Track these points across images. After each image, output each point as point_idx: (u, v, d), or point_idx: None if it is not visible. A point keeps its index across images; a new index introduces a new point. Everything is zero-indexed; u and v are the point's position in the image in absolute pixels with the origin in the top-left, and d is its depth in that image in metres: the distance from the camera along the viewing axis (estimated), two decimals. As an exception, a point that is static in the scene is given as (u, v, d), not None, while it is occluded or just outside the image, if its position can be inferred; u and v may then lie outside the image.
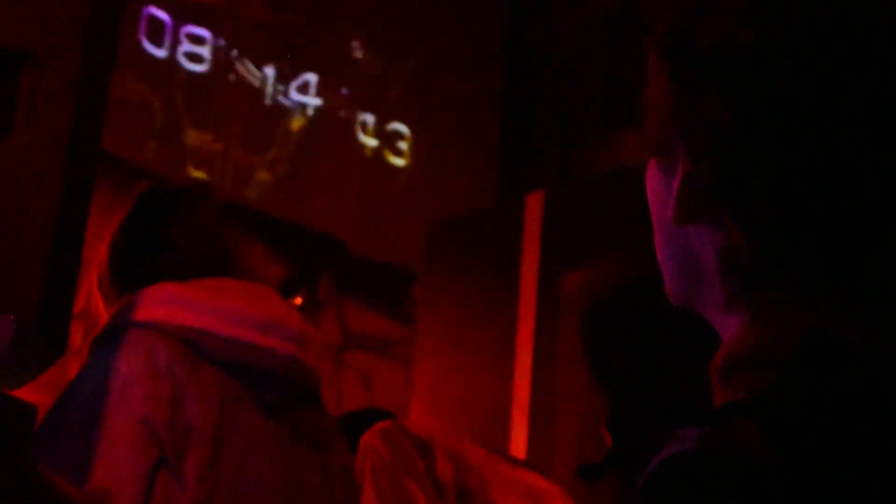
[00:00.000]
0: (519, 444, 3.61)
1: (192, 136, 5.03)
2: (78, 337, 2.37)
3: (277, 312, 2.30)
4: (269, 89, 5.29)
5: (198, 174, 4.65)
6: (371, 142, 5.51)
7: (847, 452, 0.92)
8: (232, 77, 5.21)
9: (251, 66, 5.24)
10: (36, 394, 1.85)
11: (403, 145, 5.56)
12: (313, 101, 5.39)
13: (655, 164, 1.13)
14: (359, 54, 5.54)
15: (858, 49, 1.03)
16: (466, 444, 2.77)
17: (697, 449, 0.92)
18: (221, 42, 5.18)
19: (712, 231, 1.07)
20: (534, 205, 3.96)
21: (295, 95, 5.36)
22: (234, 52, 5.22)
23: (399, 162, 5.55)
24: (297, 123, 5.35)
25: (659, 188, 1.12)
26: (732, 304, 1.07)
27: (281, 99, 5.32)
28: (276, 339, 2.26)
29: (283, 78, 5.33)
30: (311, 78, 5.39)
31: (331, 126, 5.44)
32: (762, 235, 1.04)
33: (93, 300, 2.39)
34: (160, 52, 5.00)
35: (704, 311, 1.11)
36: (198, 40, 5.13)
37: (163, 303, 2.22)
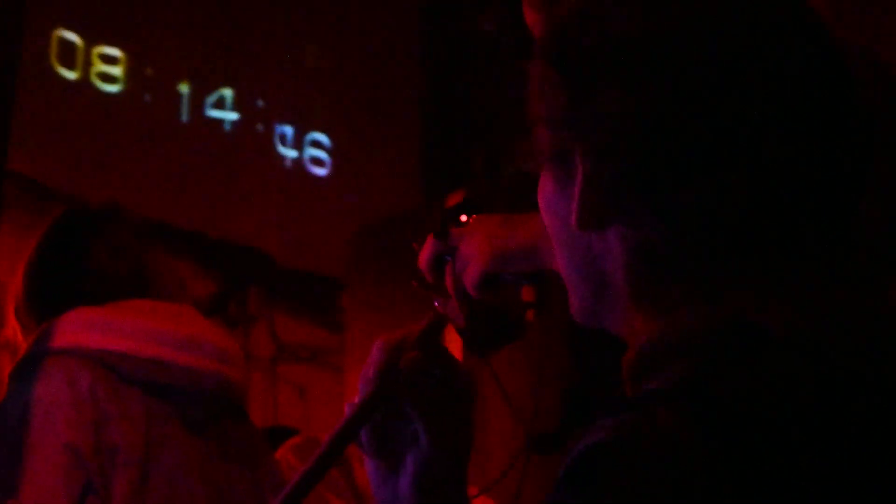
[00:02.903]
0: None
1: (108, 157, 4.99)
2: (5, 367, 2.36)
3: (198, 330, 2.30)
4: (185, 106, 5.27)
5: (116, 195, 4.62)
6: (291, 153, 5.50)
7: (765, 436, 0.92)
8: (147, 96, 5.18)
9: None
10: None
11: (324, 154, 5.55)
12: (230, 115, 5.38)
13: (550, 176, 1.12)
14: (274, 66, 5.53)
15: (747, 31, 1.04)
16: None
17: (614, 438, 0.93)
18: (135, 61, 5.15)
19: (618, 230, 1.06)
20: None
21: (211, 111, 5.34)
22: (148, 71, 5.19)
23: (320, 171, 5.54)
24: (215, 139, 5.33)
25: (555, 200, 1.11)
26: (642, 302, 1.06)
27: (197, 115, 5.30)
28: (197, 357, 2.26)
29: (199, 94, 5.31)
30: (227, 93, 5.38)
31: (249, 140, 5.43)
32: (675, 223, 1.03)
33: (12, 329, 2.37)
34: (72, 75, 4.97)
35: (610, 321, 1.10)
36: (110, 60, 5.09)
37: (81, 328, 2.20)
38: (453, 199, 3.57)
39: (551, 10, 1.20)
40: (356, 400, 1.20)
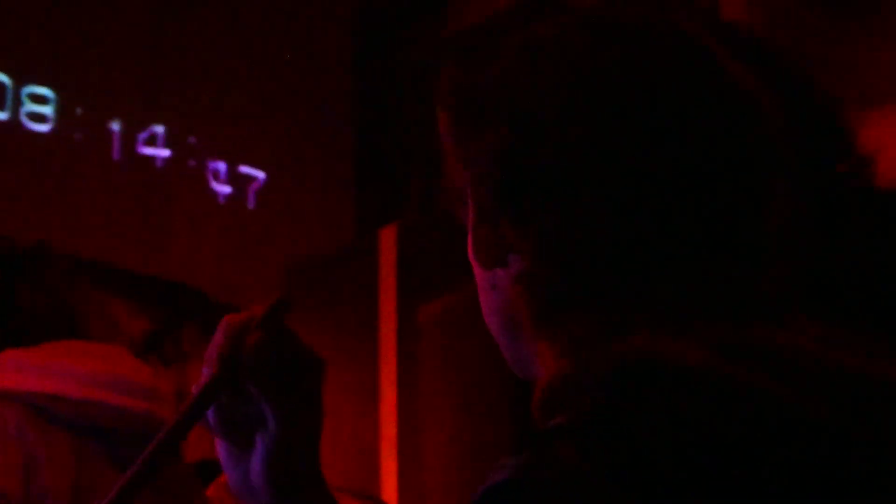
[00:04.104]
0: (389, 478, 3.63)
1: (40, 197, 4.97)
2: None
3: (126, 371, 2.29)
4: (116, 144, 5.25)
5: (48, 235, 4.60)
6: (224, 189, 5.49)
7: (667, 469, 0.94)
8: (78, 135, 5.16)
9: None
10: None
11: (256, 188, 5.55)
12: (162, 152, 5.37)
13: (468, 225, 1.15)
14: (205, 102, 5.52)
15: (608, 66, 1.08)
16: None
17: (516, 476, 0.94)
18: (65, 100, 5.13)
19: (516, 267, 1.08)
20: (388, 238, 3.98)
21: (143, 148, 5.33)
22: (79, 110, 5.18)
23: (254, 206, 5.54)
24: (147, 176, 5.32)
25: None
26: (546, 340, 1.07)
27: (129, 153, 5.28)
28: (127, 397, 2.25)
29: (130, 132, 5.30)
30: (159, 130, 5.37)
31: (182, 176, 5.42)
32: (556, 253, 1.05)
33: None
34: (1, 115, 4.94)
35: (533, 367, 1.11)
36: (40, 100, 5.07)
37: (8, 370, 2.19)
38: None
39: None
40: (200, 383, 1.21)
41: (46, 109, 5.08)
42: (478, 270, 1.12)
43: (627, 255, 1.04)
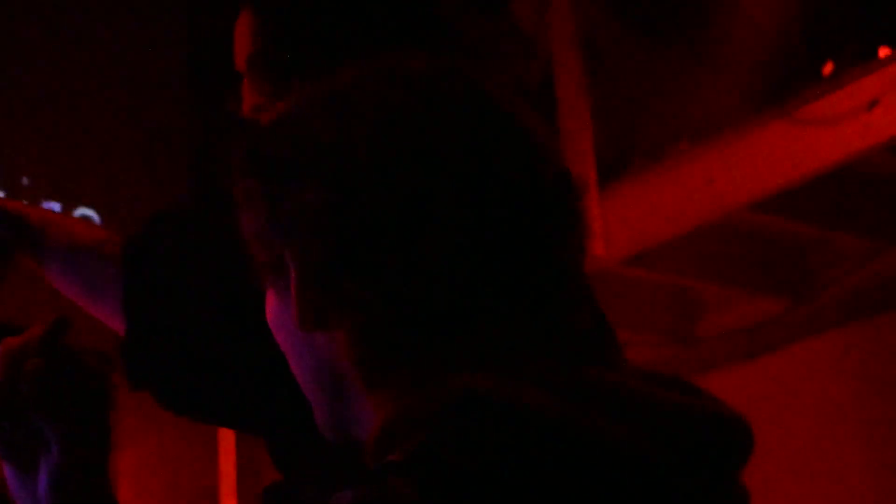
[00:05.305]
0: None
1: None
2: None
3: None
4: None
5: None
6: (59, 230, 5.42)
7: (496, 498, 0.98)
8: None
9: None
10: None
11: (94, 230, 5.49)
12: (-6, 194, 5.29)
13: (272, 293, 1.16)
14: (37, 142, 5.45)
15: (422, 125, 1.11)
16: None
17: None
18: None
19: (341, 325, 1.10)
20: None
21: (-25, 191, 5.24)
22: None
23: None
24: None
25: (280, 312, 1.15)
26: (377, 392, 1.10)
27: (-40, 196, 5.20)
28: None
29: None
30: (-10, 171, 5.29)
31: (15, 218, 5.33)
32: (384, 304, 1.08)
33: None
34: None
35: (356, 427, 1.13)
36: None
37: None
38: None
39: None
40: None
41: None
42: (290, 336, 1.14)
43: (460, 301, 1.08)
